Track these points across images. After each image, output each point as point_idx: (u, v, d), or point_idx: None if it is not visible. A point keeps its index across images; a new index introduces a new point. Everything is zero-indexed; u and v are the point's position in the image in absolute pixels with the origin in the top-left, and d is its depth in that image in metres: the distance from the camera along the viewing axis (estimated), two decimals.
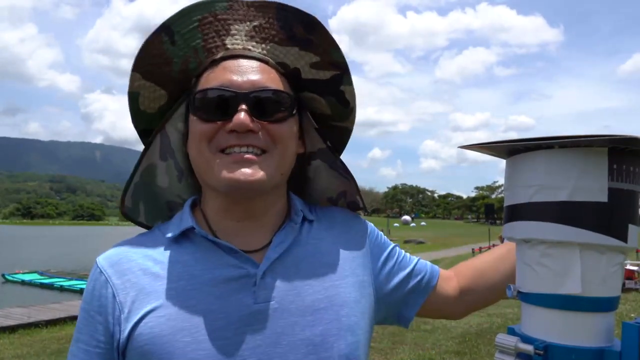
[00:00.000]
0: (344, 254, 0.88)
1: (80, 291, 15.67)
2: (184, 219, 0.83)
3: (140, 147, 0.91)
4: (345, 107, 0.88)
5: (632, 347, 0.57)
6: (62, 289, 16.74)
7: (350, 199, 0.96)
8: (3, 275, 19.32)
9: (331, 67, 0.84)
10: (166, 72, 0.84)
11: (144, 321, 0.76)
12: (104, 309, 0.79)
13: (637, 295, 10.08)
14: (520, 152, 0.67)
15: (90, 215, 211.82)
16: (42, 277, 19.08)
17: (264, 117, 0.79)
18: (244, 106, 0.77)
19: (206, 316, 0.76)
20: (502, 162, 0.90)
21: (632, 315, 7.54)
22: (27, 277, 18.93)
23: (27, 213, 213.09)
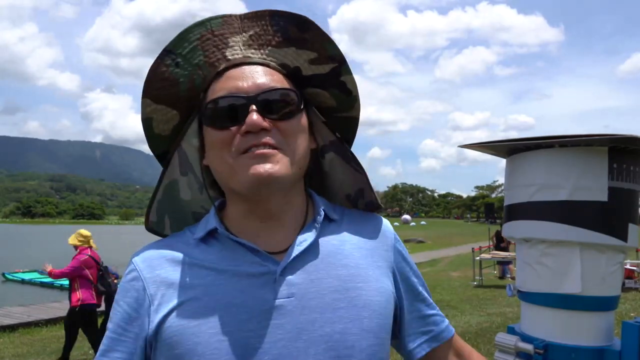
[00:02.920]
0: (369, 259, 0.91)
1: None
2: (210, 221, 0.89)
3: (139, 145, 0.95)
4: (348, 96, 0.92)
5: (632, 346, 0.57)
6: (62, 288, 16.72)
7: (368, 199, 0.98)
8: (3, 274, 19.32)
9: (329, 61, 0.89)
10: (174, 93, 0.89)
11: (172, 314, 0.81)
12: (135, 301, 0.84)
13: (637, 294, 10.07)
14: (521, 152, 0.67)
15: (90, 214, 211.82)
16: (42, 276, 19.04)
17: (274, 115, 0.83)
18: (253, 107, 0.81)
19: (230, 309, 0.80)
20: (502, 162, 0.90)
21: (632, 314, 7.53)
22: (27, 276, 18.92)
23: (27, 212, 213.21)
